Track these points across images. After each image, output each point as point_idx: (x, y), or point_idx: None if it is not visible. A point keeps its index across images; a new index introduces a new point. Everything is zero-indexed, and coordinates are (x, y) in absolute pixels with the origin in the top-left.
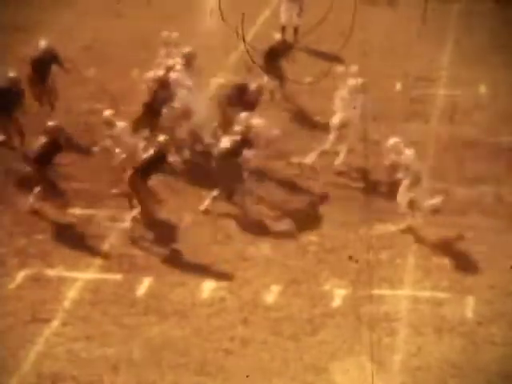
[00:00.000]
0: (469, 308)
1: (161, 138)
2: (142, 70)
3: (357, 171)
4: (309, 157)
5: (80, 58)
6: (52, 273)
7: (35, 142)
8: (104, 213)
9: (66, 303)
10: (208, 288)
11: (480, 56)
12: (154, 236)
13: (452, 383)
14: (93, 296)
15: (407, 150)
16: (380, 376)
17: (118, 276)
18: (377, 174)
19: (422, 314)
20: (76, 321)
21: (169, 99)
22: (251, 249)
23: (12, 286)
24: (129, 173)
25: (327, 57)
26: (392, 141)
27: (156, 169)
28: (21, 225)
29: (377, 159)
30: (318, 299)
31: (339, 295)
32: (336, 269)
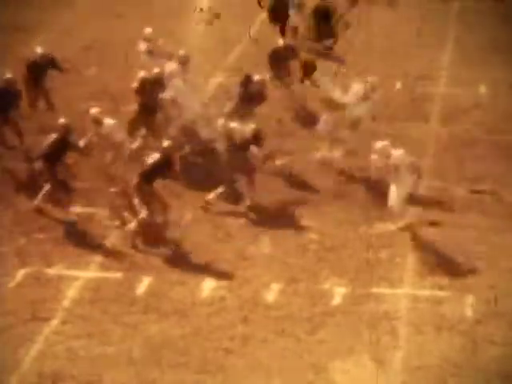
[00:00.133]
0: (468, 307)
1: (165, 144)
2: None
3: (357, 170)
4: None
5: (80, 58)
6: (52, 271)
7: (36, 142)
8: (104, 211)
9: (66, 302)
10: (208, 287)
11: (480, 55)
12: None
13: (452, 382)
14: (93, 294)
15: (395, 151)
16: (380, 375)
17: (118, 274)
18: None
19: (422, 313)
20: (76, 319)
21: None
22: (251, 247)
23: (12, 285)
24: (134, 180)
25: (327, 56)
26: (380, 144)
27: (162, 174)
28: (21, 224)
29: None
30: (318, 298)
31: (339, 294)
32: (336, 267)
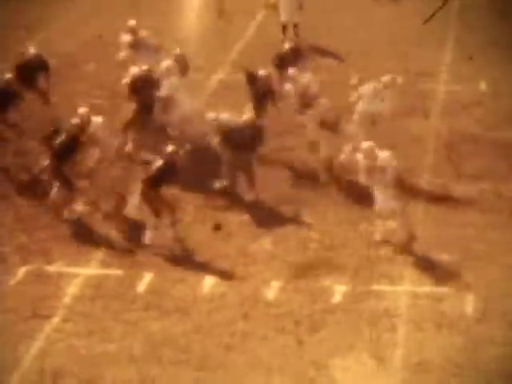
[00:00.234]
0: (468, 304)
1: (169, 149)
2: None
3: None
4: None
5: (79, 54)
6: (52, 269)
7: (36, 142)
8: (105, 209)
9: (67, 299)
10: (209, 284)
11: (480, 52)
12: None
13: (452, 379)
14: (93, 292)
15: (382, 153)
16: (380, 372)
17: (119, 272)
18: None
19: (422, 310)
20: (77, 317)
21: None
22: (252, 245)
23: (12, 283)
24: (140, 187)
25: (328, 53)
26: (365, 144)
27: (167, 179)
28: (21, 222)
29: None
30: (319, 295)
31: (339, 291)
32: (336, 265)
